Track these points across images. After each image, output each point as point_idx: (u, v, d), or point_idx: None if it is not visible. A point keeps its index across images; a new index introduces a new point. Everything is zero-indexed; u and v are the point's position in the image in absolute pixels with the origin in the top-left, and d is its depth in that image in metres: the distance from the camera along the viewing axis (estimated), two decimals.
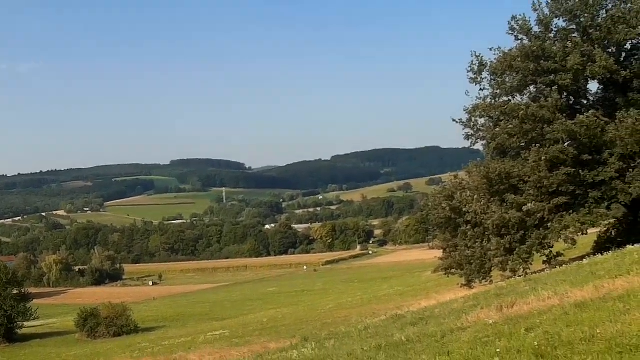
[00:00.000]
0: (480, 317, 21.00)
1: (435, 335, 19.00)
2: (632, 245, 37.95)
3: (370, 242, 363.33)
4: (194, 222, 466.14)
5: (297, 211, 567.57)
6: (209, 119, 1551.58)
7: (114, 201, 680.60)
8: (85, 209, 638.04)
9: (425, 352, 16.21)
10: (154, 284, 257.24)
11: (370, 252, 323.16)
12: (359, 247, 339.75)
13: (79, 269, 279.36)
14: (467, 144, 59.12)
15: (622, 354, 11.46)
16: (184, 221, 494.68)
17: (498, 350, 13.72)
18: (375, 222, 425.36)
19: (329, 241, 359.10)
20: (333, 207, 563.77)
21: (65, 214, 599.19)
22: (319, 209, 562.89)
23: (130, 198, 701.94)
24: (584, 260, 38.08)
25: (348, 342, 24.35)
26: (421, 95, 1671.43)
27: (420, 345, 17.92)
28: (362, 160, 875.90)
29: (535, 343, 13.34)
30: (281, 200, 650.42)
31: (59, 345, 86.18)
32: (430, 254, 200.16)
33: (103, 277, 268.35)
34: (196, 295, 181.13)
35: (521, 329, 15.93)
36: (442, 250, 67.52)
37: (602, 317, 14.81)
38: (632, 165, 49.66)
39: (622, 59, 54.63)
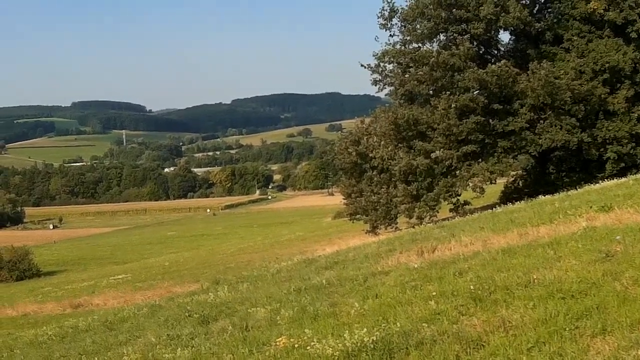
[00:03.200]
0: (400, 261, 20.67)
1: (356, 278, 18.59)
2: (544, 196, 38.26)
3: (270, 187, 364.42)
4: (94, 165, 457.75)
5: (197, 155, 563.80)
6: (110, 61, 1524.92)
7: (16, 143, 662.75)
8: None
9: (351, 295, 15.78)
10: (54, 227, 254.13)
11: (270, 197, 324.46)
12: (258, 191, 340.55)
13: None
14: (367, 90, 59.59)
15: (564, 299, 11.20)
16: (84, 163, 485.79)
17: (434, 293, 13.36)
18: (275, 167, 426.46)
19: (228, 185, 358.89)
20: (232, 151, 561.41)
21: None
22: (218, 152, 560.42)
23: (32, 140, 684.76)
24: (495, 209, 38.25)
25: (263, 286, 23.86)
26: (322, 42, 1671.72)
27: (342, 288, 17.49)
28: (262, 104, 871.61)
29: (471, 287, 13.02)
30: (181, 144, 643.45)
31: None
32: (329, 200, 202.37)
33: (4, 220, 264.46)
34: (96, 239, 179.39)
35: (450, 273, 15.62)
36: (344, 197, 67.66)
37: (535, 263, 14.55)
38: (543, 116, 50.20)
39: (535, 11, 55.03)
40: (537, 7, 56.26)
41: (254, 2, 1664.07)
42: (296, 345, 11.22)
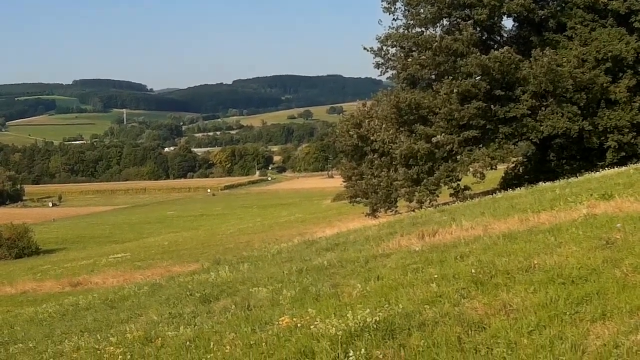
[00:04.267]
0: (401, 244, 20.81)
1: (357, 260, 18.74)
2: (544, 182, 38.32)
3: (269, 168, 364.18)
4: (94, 143, 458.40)
5: (197, 134, 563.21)
6: (111, 39, 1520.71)
7: (16, 120, 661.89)
8: None
9: (352, 277, 15.91)
10: (53, 205, 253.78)
11: (269, 179, 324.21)
12: (257, 172, 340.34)
13: None
14: (369, 73, 59.58)
15: (565, 284, 11.32)
16: (85, 142, 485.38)
17: (435, 276, 13.48)
18: (275, 148, 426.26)
19: (228, 166, 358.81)
20: (233, 132, 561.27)
21: None
22: (218, 133, 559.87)
23: (32, 117, 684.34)
24: (495, 194, 38.32)
25: (263, 266, 24.01)
26: (325, 23, 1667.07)
27: (344, 270, 17.63)
28: (264, 85, 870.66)
29: (472, 270, 13.13)
30: (181, 123, 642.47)
31: None
32: (329, 183, 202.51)
33: (3, 198, 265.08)
34: (95, 217, 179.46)
35: (451, 257, 15.76)
36: (344, 179, 67.73)
37: (536, 248, 14.68)
38: (544, 103, 50.16)
39: None
40: None
41: None
42: (299, 325, 11.34)
